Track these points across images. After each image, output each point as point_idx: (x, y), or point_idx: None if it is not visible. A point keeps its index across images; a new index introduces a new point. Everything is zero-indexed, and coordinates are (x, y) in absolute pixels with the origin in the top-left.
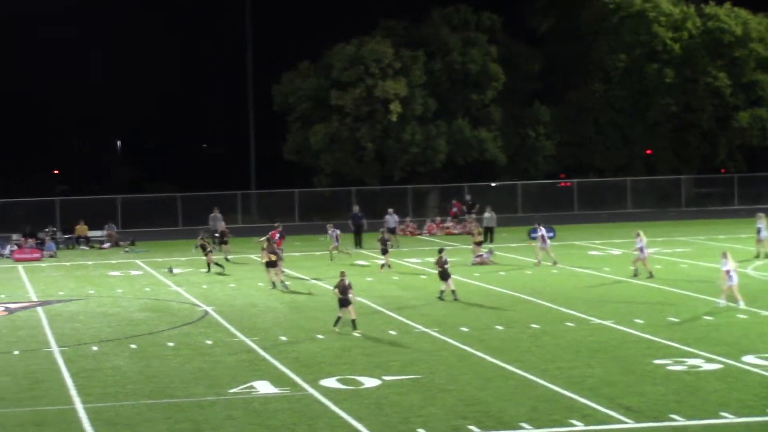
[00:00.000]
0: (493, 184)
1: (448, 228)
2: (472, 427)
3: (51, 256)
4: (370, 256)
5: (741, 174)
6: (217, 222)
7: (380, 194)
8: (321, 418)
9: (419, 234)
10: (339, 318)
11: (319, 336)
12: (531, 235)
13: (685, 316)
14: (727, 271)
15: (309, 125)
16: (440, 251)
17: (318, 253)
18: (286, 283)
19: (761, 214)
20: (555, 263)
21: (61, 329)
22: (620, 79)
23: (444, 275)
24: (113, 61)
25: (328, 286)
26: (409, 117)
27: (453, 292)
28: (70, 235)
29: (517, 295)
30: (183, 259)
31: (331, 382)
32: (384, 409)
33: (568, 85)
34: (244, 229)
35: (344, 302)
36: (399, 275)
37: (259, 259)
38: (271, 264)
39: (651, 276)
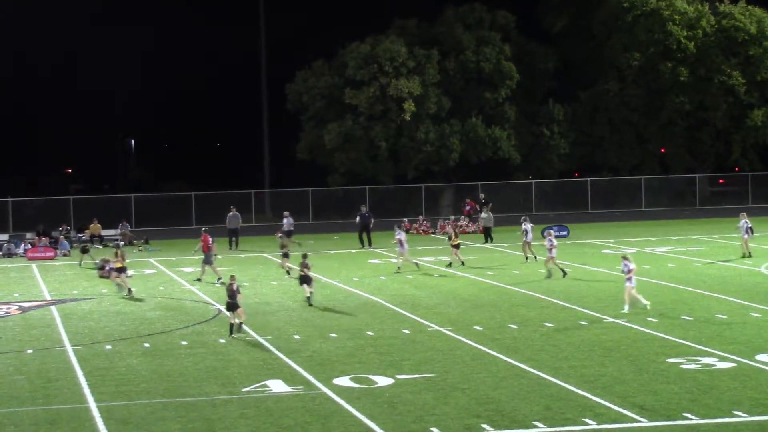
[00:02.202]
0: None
1: (461, 227)
2: (485, 426)
3: (65, 255)
4: (383, 255)
5: (755, 172)
6: (236, 221)
7: (394, 193)
8: (334, 417)
9: (433, 233)
10: (231, 324)
11: (333, 335)
12: (544, 234)
13: (698, 314)
14: (629, 271)
15: (323, 124)
16: (304, 257)
17: (332, 252)
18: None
19: (745, 213)
20: (532, 258)
21: (74, 328)
22: (634, 77)
23: (305, 279)
24: (127, 61)
25: (343, 285)
26: (422, 116)
27: (308, 297)
28: (83, 234)
29: (531, 293)
30: (196, 257)
31: (344, 381)
32: (397, 407)
33: (582, 84)
34: (258, 228)
35: (233, 306)
36: (412, 274)
37: (273, 258)
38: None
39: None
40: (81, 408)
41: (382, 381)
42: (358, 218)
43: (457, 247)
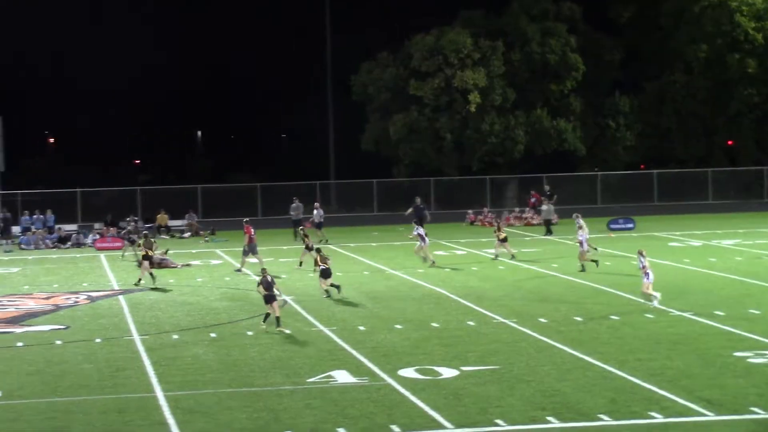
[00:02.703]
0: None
1: (526, 219)
2: (550, 419)
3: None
4: (448, 246)
5: None
6: (299, 212)
7: (458, 184)
8: (399, 408)
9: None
10: (267, 314)
11: (397, 326)
12: (610, 226)
13: (766, 308)
14: (644, 269)
15: (388, 115)
16: (318, 250)
17: (397, 243)
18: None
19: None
20: (594, 251)
21: (142, 318)
22: (702, 69)
23: (326, 273)
24: (194, 52)
25: (408, 277)
26: (487, 107)
27: (326, 290)
28: (151, 225)
29: (596, 286)
30: (263, 248)
31: (409, 372)
32: (462, 399)
33: (648, 76)
34: (323, 219)
35: (270, 298)
36: (478, 266)
37: (339, 250)
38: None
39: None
40: (149, 397)
41: (447, 372)
42: (411, 209)
43: (504, 240)
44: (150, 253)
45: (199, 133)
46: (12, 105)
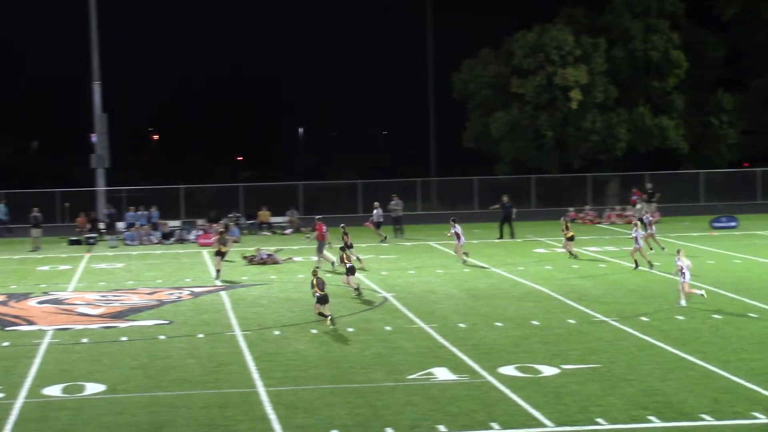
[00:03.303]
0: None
1: (628, 216)
2: (652, 418)
3: (235, 242)
4: (549, 244)
5: None
6: (398, 209)
7: (559, 182)
8: (499, 406)
9: (599, 222)
10: (326, 315)
11: (498, 324)
12: (713, 225)
13: None
14: (680, 269)
15: (489, 113)
16: (342, 249)
17: (497, 240)
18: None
19: (638, 222)
20: (659, 249)
21: (243, 313)
22: None
23: (351, 270)
24: (296, 51)
25: (509, 274)
26: (589, 105)
27: (356, 288)
28: (252, 221)
29: (699, 285)
30: (363, 245)
31: (509, 370)
32: (562, 398)
33: (753, 73)
34: (424, 217)
35: (325, 299)
36: (578, 264)
37: (439, 247)
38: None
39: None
40: (250, 392)
41: (548, 371)
42: (498, 206)
43: (570, 239)
44: (223, 249)
45: (301, 129)
46: (116, 101)
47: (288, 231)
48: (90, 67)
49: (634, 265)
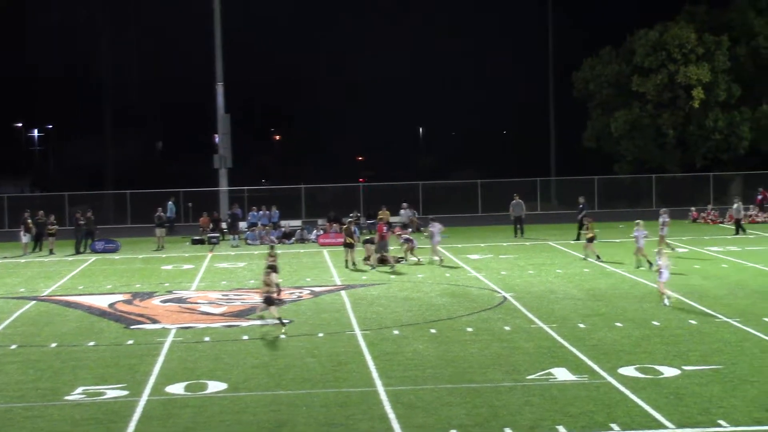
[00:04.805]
0: None
1: (752, 216)
2: None
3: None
4: (670, 244)
5: None
6: (520, 209)
7: (681, 182)
8: (619, 407)
9: (721, 222)
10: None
11: (618, 324)
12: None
13: None
14: (659, 268)
15: (609, 112)
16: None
17: (617, 240)
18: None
19: (640, 221)
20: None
21: (363, 313)
22: None
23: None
24: (417, 55)
25: (629, 274)
26: (711, 103)
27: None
28: (372, 221)
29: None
30: (482, 245)
31: (629, 371)
32: (683, 399)
33: None
34: (543, 216)
35: (270, 300)
36: (700, 263)
37: (558, 246)
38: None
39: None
40: (369, 391)
41: (668, 372)
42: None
43: (590, 240)
44: (349, 240)
45: (421, 129)
46: (239, 102)
47: (407, 231)
48: (214, 69)
49: (644, 266)
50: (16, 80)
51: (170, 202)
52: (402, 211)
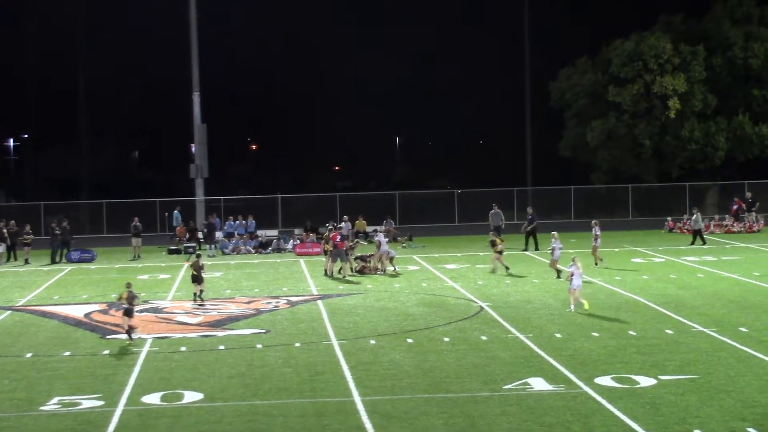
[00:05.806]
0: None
1: (727, 226)
2: (750, 430)
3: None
4: (646, 254)
5: None
6: (498, 218)
7: (657, 191)
8: (596, 416)
9: None
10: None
11: (594, 333)
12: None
13: None
14: (571, 275)
15: (586, 121)
16: (197, 256)
17: (588, 250)
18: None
19: (555, 233)
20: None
21: (340, 323)
22: None
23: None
24: (394, 65)
25: (605, 284)
26: (687, 113)
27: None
28: (320, 235)
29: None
30: (459, 254)
31: (606, 381)
32: (660, 409)
33: None
34: (520, 226)
35: (129, 312)
36: (676, 273)
37: (535, 256)
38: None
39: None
40: (346, 401)
41: (645, 381)
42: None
43: (500, 252)
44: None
45: (397, 139)
46: (217, 112)
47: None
48: (190, 78)
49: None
50: None
51: (176, 211)
52: (342, 224)
